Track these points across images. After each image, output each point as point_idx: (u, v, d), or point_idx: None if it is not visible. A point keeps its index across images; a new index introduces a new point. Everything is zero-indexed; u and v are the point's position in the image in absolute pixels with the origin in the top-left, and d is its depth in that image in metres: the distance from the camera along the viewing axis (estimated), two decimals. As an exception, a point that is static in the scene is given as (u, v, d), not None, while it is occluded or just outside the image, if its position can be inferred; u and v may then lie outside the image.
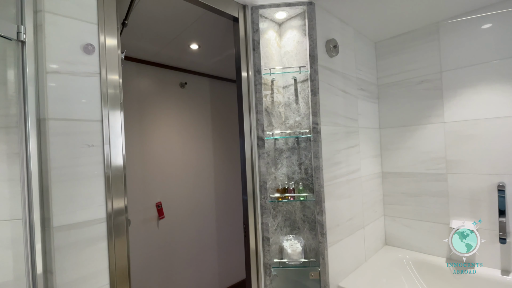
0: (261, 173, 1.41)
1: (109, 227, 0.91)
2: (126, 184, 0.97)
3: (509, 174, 1.53)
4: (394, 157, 2.00)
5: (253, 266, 1.46)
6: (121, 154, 0.94)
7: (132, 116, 2.07)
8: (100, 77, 0.90)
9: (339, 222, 1.56)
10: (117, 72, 0.96)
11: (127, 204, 0.99)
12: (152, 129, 2.18)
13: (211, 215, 2.50)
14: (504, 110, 1.54)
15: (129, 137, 2.04)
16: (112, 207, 0.93)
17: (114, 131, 0.92)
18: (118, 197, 0.95)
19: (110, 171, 0.91)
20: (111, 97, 0.93)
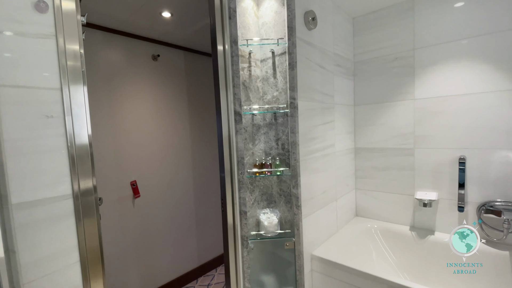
0: (238, 149, 1.39)
1: (76, 206, 0.86)
2: (93, 159, 0.91)
3: (470, 148, 1.64)
4: (367, 133, 2.06)
5: (231, 240, 1.48)
6: (86, 126, 0.87)
7: (100, 90, 1.92)
8: (56, 40, 0.80)
9: (313, 195, 1.60)
10: (76, 37, 0.86)
11: (98, 183, 0.93)
12: (123, 104, 2.05)
13: (188, 193, 2.48)
14: (471, 87, 1.62)
15: (98, 113, 1.90)
16: (78, 184, 0.87)
17: (76, 101, 0.84)
18: (86, 172, 0.89)
19: (75, 144, 0.84)
20: (71, 62, 0.84)
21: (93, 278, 0.93)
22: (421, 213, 1.86)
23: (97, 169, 1.88)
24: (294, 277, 1.49)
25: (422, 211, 1.85)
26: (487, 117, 1.58)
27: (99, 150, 1.90)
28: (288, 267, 1.53)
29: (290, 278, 1.52)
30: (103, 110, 1.94)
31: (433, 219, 1.82)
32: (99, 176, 1.88)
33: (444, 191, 1.76)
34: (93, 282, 0.92)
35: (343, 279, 1.45)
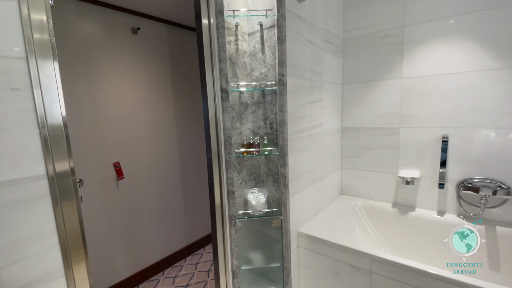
0: (225, 128, 1.35)
1: (52, 188, 0.81)
2: (69, 140, 0.84)
3: (453, 127, 1.67)
4: (354, 112, 2.06)
5: (219, 219, 1.47)
6: (58, 102, 0.79)
7: (76, 65, 1.78)
8: (19, 4, 0.70)
9: (300, 174, 1.60)
10: (42, 4, 0.76)
11: (78, 164, 0.87)
12: (102, 82, 1.93)
13: (175, 173, 2.43)
14: (457, 66, 1.62)
15: (74, 90, 1.78)
16: (54, 165, 0.81)
17: (45, 73, 0.76)
18: (61, 153, 0.82)
19: (46, 121, 0.77)
20: (37, 31, 0.74)
21: (75, 261, 0.89)
22: (404, 191, 1.92)
23: (77, 150, 1.79)
24: (281, 254, 1.52)
25: (405, 188, 1.91)
26: (471, 97, 1.60)
27: (78, 130, 1.80)
28: (275, 244, 1.56)
29: (277, 255, 1.55)
30: (80, 87, 1.81)
31: (415, 196, 1.88)
32: (79, 157, 1.79)
33: (426, 169, 1.80)
34: (75, 265, 0.89)
35: (328, 254, 1.49)
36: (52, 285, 0.83)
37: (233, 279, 1.51)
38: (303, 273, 1.62)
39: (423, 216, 1.81)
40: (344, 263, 1.44)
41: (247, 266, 1.55)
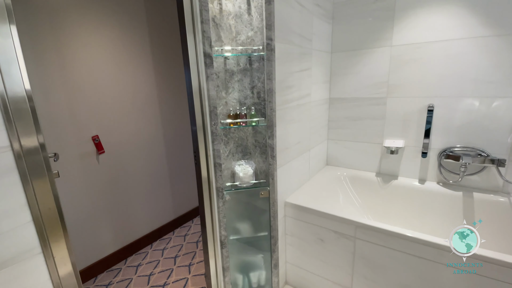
0: (210, 97, 1.26)
1: (19, 164, 0.73)
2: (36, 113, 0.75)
3: (439, 96, 1.67)
4: (341, 82, 2.00)
5: (206, 192, 1.44)
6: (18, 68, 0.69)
7: (42, 31, 1.58)
8: None
9: (288, 146, 1.57)
10: None
11: (53, 138, 0.78)
12: (74, 49, 1.74)
13: (159, 146, 2.35)
14: (447, 33, 1.58)
15: (43, 59, 1.60)
16: (19, 140, 0.72)
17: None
18: (27, 128, 0.73)
19: (5, 88, 0.67)
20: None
21: (53, 238, 0.84)
22: (388, 160, 1.95)
23: (50, 123, 1.65)
24: (268, 223, 1.53)
25: (389, 158, 1.94)
26: (458, 65, 1.58)
27: (50, 103, 1.64)
28: (262, 214, 1.56)
29: (265, 224, 1.56)
30: (50, 56, 1.63)
31: (398, 165, 1.92)
32: (52, 131, 1.66)
33: (410, 138, 1.82)
34: (53, 242, 0.84)
35: (314, 222, 1.52)
36: (29, 263, 0.78)
37: (221, 249, 1.52)
38: (289, 241, 1.66)
39: (405, 184, 1.87)
40: (329, 230, 1.47)
41: (235, 236, 1.56)
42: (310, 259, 1.59)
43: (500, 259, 1.03)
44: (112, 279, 1.92)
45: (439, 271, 1.18)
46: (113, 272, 1.99)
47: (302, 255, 1.62)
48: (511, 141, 1.51)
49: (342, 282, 1.49)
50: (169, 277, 1.90)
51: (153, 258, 2.13)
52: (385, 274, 1.34)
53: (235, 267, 1.61)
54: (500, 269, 1.04)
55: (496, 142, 1.56)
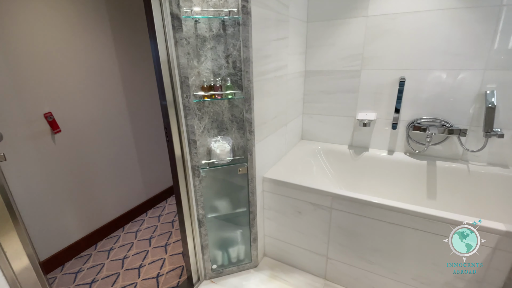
0: (180, 65, 1.12)
1: None
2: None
3: (410, 68, 1.68)
4: (317, 54, 1.94)
5: (180, 171, 1.34)
6: None
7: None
8: None
9: (265, 120, 1.51)
10: None
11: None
12: (13, 10, 1.43)
13: (124, 122, 2.14)
14: (420, 4, 1.55)
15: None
16: None
17: None
18: None
19: None
20: None
21: (1, 230, 0.70)
22: (360, 133, 1.98)
23: (-14, 98, 1.39)
24: (247, 199, 1.50)
25: (361, 130, 1.97)
26: (430, 37, 1.59)
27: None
28: (241, 191, 1.52)
29: (243, 200, 1.52)
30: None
31: (369, 137, 1.96)
32: (-8, 108, 1.40)
33: (382, 111, 1.85)
34: (2, 235, 0.71)
35: (292, 196, 1.51)
36: (-28, 262, 0.65)
37: (199, 227, 1.46)
38: (267, 215, 1.65)
39: (375, 155, 1.93)
40: (306, 202, 1.48)
41: (213, 213, 1.51)
42: (288, 231, 1.60)
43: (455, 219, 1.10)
44: (82, 265, 1.79)
45: (404, 234, 1.25)
46: (83, 258, 1.86)
47: (280, 228, 1.63)
48: (472, 112, 1.60)
49: (318, 250, 1.54)
50: (145, 259, 1.83)
51: (126, 241, 2.02)
52: (358, 240, 1.39)
53: (214, 244, 1.57)
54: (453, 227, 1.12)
55: (459, 113, 1.63)
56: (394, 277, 1.35)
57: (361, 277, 1.44)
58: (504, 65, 1.45)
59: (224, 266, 1.60)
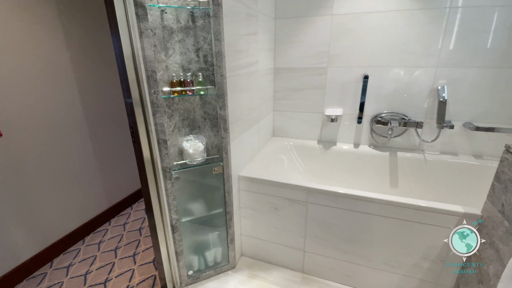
0: (146, 58, 1.02)
1: None
2: None
3: (372, 66, 1.76)
4: (286, 51, 1.94)
5: (150, 174, 1.22)
6: None
7: None
8: None
9: (240, 117, 1.45)
10: None
11: None
12: None
13: (79, 124, 1.91)
14: (382, 4, 1.63)
15: None
16: None
17: None
18: None
19: None
20: None
21: None
22: (328, 128, 2.03)
23: None
24: (223, 199, 1.43)
25: (329, 126, 2.02)
26: (389, 36, 1.67)
27: None
28: (216, 191, 1.44)
29: (219, 201, 1.46)
30: None
31: (336, 132, 2.02)
32: None
33: (348, 107, 1.92)
34: None
35: (268, 192, 1.48)
36: None
37: (173, 233, 1.36)
38: (244, 214, 1.60)
39: (342, 149, 1.99)
40: (283, 198, 1.46)
41: (188, 217, 1.41)
42: (264, 228, 1.58)
43: (415, 204, 1.19)
44: (36, 287, 1.56)
45: (374, 221, 1.30)
46: (36, 279, 1.62)
47: (257, 226, 1.59)
48: (427, 106, 1.73)
49: (295, 245, 1.53)
50: (111, 272, 1.65)
51: (88, 255, 1.81)
52: (334, 231, 1.41)
53: (189, 249, 1.48)
54: (418, 212, 1.19)
55: (415, 107, 1.76)
56: (367, 263, 1.40)
57: (337, 267, 1.47)
58: (452, 62, 1.59)
59: (201, 271, 1.52)
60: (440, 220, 1.17)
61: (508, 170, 0.94)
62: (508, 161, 0.95)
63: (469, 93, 1.61)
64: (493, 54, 1.51)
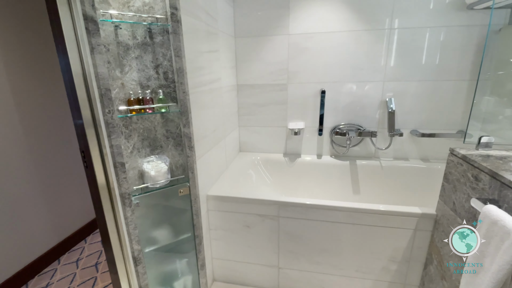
0: (99, 75, 0.92)
1: None
2: None
3: (328, 81, 1.86)
4: (247, 69, 1.96)
5: (106, 201, 1.08)
6: None
7: None
8: None
9: (205, 134, 1.40)
10: None
11: None
12: None
13: (17, 152, 1.65)
14: (333, 25, 1.75)
15: None
16: None
17: None
18: None
19: None
20: None
21: None
22: (292, 141, 2.07)
23: None
24: (191, 222, 1.33)
25: (293, 139, 2.06)
26: (341, 54, 1.80)
27: None
28: (183, 214, 1.34)
29: (187, 225, 1.35)
30: None
31: (300, 144, 2.07)
32: None
33: (309, 120, 1.98)
34: None
35: (239, 210, 1.43)
36: None
37: (135, 266, 1.21)
38: (214, 236, 1.51)
39: (307, 160, 2.04)
40: (254, 214, 1.42)
41: (152, 246, 1.28)
42: (237, 248, 1.50)
43: (380, 209, 1.24)
44: None
45: (343, 229, 1.32)
46: None
47: (229, 247, 1.51)
48: (378, 116, 1.86)
49: (269, 262, 1.48)
50: (61, 321, 1.40)
51: (30, 303, 1.53)
52: (306, 243, 1.40)
53: (155, 282, 1.33)
54: (380, 217, 1.25)
55: (369, 118, 1.89)
56: (340, 272, 1.40)
57: (312, 279, 1.45)
58: (396, 77, 1.76)
59: (170, 304, 1.37)
60: (401, 222, 1.23)
61: (454, 171, 1.04)
62: (453, 162, 1.04)
63: (412, 104, 1.79)
64: (428, 69, 1.70)
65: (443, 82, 1.70)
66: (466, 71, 1.66)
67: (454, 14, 1.59)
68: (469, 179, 0.94)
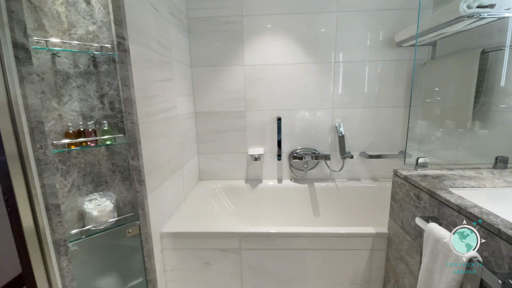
0: (29, 106, 0.81)
1: None
2: None
3: (283, 109, 1.93)
4: (205, 97, 1.94)
5: (35, 251, 0.91)
6: None
7: None
8: None
9: (158, 166, 1.30)
10: None
11: None
12: None
13: None
14: (284, 58, 1.86)
15: None
16: None
17: None
18: None
19: None
20: None
21: None
22: (252, 167, 2.06)
23: None
24: (142, 266, 1.18)
25: (253, 164, 2.05)
26: (293, 84, 1.90)
27: None
28: (133, 257, 1.19)
29: (137, 269, 1.19)
30: None
31: (261, 169, 2.06)
32: None
33: (267, 146, 2.01)
34: None
35: (197, 246, 1.32)
36: None
37: (72, 327, 1.01)
38: (170, 278, 1.36)
39: (268, 186, 2.03)
40: (214, 249, 1.32)
41: (95, 299, 1.09)
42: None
43: (339, 232, 1.26)
44: None
45: (305, 256, 1.30)
46: None
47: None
48: (330, 140, 1.97)
49: (233, 300, 1.37)
50: None
51: None
52: (270, 275, 1.34)
53: None
54: (339, 240, 1.26)
55: (322, 142, 1.98)
56: (306, 301, 1.35)
57: (278, 313, 1.37)
58: (343, 104, 1.90)
59: None
60: (359, 243, 1.26)
61: (399, 191, 1.11)
62: (398, 183, 1.12)
63: (359, 128, 1.93)
64: (369, 97, 1.88)
65: (383, 108, 1.89)
66: (401, 99, 1.87)
67: (387, 50, 1.81)
68: (412, 198, 1.01)
